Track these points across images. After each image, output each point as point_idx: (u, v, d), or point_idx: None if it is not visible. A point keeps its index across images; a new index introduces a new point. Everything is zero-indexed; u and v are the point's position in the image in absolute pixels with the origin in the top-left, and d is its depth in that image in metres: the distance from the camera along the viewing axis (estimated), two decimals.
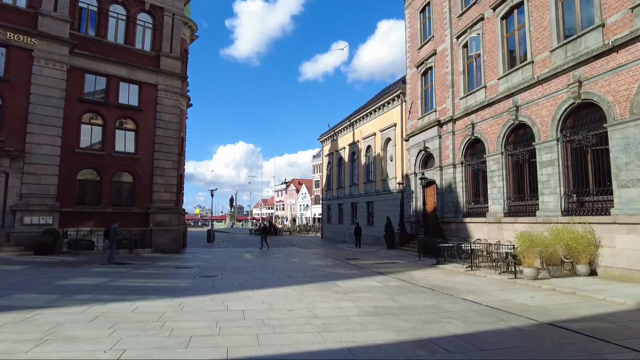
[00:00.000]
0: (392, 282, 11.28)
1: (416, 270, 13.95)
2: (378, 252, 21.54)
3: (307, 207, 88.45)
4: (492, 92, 17.00)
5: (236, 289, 9.85)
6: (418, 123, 22.98)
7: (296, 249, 25.59)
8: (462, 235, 18.25)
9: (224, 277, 11.97)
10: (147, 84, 22.77)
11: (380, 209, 27.56)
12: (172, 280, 11.26)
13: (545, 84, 13.96)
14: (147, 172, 22.38)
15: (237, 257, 19.87)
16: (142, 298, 8.28)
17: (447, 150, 20.01)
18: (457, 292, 9.54)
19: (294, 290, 9.61)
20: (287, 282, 11.17)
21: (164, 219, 22.45)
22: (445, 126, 20.22)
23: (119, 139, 21.89)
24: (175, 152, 23.41)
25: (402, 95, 25.29)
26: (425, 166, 22.55)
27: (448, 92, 20.22)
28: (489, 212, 16.80)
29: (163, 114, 23.11)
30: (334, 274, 13.07)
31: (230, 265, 15.78)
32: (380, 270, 14.04)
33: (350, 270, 14.23)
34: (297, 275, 12.61)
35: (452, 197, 19.42)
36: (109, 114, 21.35)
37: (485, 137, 17.28)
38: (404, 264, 16.27)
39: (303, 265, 15.98)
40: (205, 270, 13.69)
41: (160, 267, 14.60)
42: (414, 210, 22.95)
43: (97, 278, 11.12)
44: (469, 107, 18.48)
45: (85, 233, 19.78)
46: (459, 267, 14.46)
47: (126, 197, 21.91)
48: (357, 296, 8.89)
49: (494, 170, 16.66)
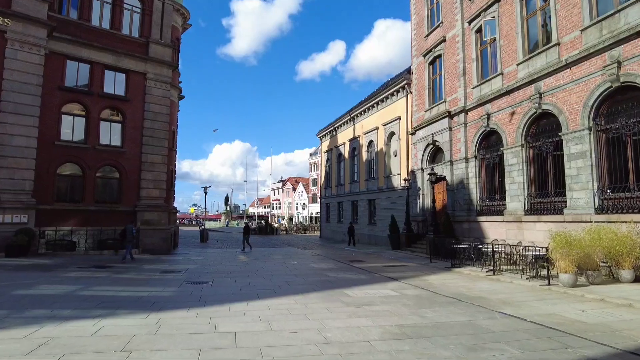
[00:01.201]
0: (409, 290, 9.79)
1: (431, 275, 12.48)
2: (383, 254, 20.06)
3: (304, 206, 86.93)
4: (511, 79, 15.55)
5: (228, 299, 8.32)
6: (425, 115, 21.51)
7: (294, 250, 24.08)
8: (475, 235, 16.81)
9: (214, 284, 10.44)
10: (135, 72, 21.15)
11: (383, 207, 26.09)
12: (155, 288, 9.71)
13: (575, 67, 12.52)
14: (135, 167, 20.78)
15: (231, 259, 18.33)
16: (111, 314, 6.73)
17: (458, 143, 18.55)
18: (489, 304, 8.06)
19: (296, 302, 8.09)
20: (287, 290, 9.66)
21: (153, 218, 20.85)
22: (457, 117, 18.76)
23: (103, 131, 20.28)
24: (165, 146, 21.81)
25: (407, 86, 23.81)
26: (433, 161, 21.09)
27: (459, 81, 18.76)
28: (506, 210, 15.36)
29: (152, 105, 21.51)
30: (340, 279, 11.57)
31: (223, 268, 14.25)
32: (391, 274, 12.55)
33: (357, 274, 12.73)
34: (298, 282, 11.09)
35: (464, 194, 17.97)
36: (93, 104, 19.72)
37: (503, 128, 15.84)
38: (415, 267, 14.80)
39: (304, 268, 14.47)
40: (194, 275, 12.14)
41: (145, 271, 13.04)
42: (421, 209, 21.50)
43: (66, 285, 9.55)
44: (483, 97, 17.03)
45: (65, 233, 18.16)
46: (477, 271, 13.00)
47: (112, 194, 20.31)
48: (374, 310, 7.39)
49: (512, 164, 15.22)
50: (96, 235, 18.96)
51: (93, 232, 18.87)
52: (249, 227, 26.17)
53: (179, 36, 27.05)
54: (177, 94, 26.80)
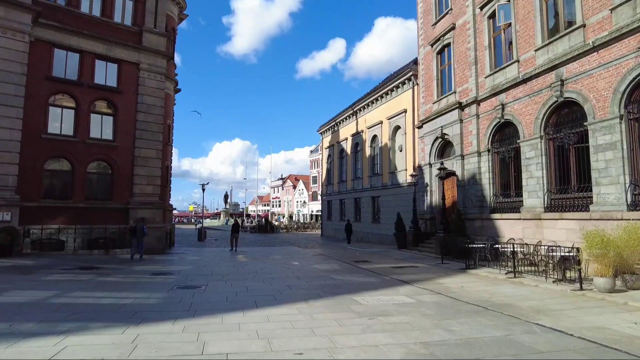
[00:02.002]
0: (425, 295, 8.75)
1: (446, 278, 11.43)
2: (389, 253, 19.02)
3: (305, 204, 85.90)
4: (528, 66, 14.47)
5: (221, 308, 7.27)
6: (433, 107, 20.43)
7: (295, 249, 23.05)
8: (488, 233, 15.77)
9: (208, 289, 9.39)
10: (127, 62, 20.06)
11: (388, 204, 25.04)
12: (141, 293, 8.67)
13: (604, 50, 11.44)
14: (127, 162, 19.72)
15: (228, 259, 17.29)
16: (81, 328, 5.69)
17: (470, 136, 17.48)
18: (521, 313, 7.02)
19: (300, 312, 7.04)
20: (289, 296, 8.61)
21: (147, 215, 19.76)
22: (468, 109, 17.68)
23: (94, 124, 19.20)
24: (159, 140, 20.74)
25: (413, 77, 22.72)
26: (441, 156, 20.01)
27: (470, 71, 17.68)
28: (523, 207, 14.31)
29: (145, 97, 20.43)
30: (347, 283, 10.52)
31: (219, 270, 13.20)
32: (402, 277, 11.51)
33: (365, 277, 11.69)
34: (300, 285, 10.05)
35: (476, 190, 16.91)
36: (83, 96, 18.64)
37: (519, 119, 14.77)
38: (425, 268, 13.76)
39: (306, 270, 13.43)
40: (187, 278, 11.10)
41: (133, 273, 12.00)
42: (429, 206, 20.44)
43: (41, 291, 8.51)
44: (497, 86, 15.96)
45: (52, 231, 17.10)
46: (495, 272, 11.96)
47: (103, 190, 19.24)
48: (391, 323, 6.34)
49: (530, 157, 14.16)
50: (86, 234, 17.90)
51: (82, 231, 17.82)
52: (238, 225, 23.69)
53: (174, 26, 25.97)
54: (173, 86, 25.74)
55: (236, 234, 22.18)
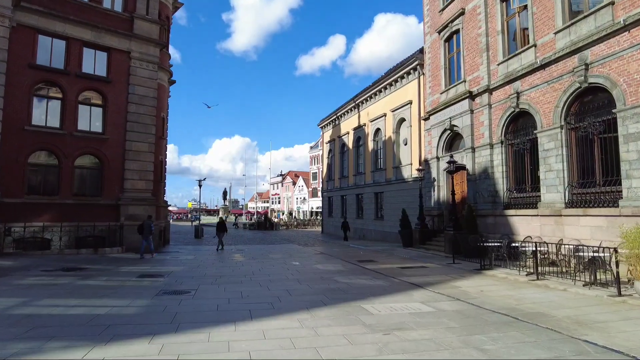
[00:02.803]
0: (444, 302, 7.71)
1: (461, 280, 10.40)
2: (394, 252, 18.00)
3: (304, 201, 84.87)
4: (547, 51, 13.39)
5: (210, 320, 6.25)
6: (441, 97, 19.35)
7: (295, 247, 22.03)
8: (502, 231, 14.74)
9: (198, 294, 8.36)
10: (118, 50, 18.98)
11: (392, 200, 24.01)
12: (120, 300, 7.63)
13: (636, 28, 10.35)
14: (118, 156, 18.68)
15: (224, 258, 16.27)
16: (32, 350, 4.66)
17: (481, 127, 16.42)
18: (560, 325, 6.00)
19: (301, 325, 6.01)
20: (288, 303, 7.58)
21: (138, 212, 18.76)
22: (479, 98, 16.61)
23: (82, 115, 18.16)
24: (152, 133, 19.68)
25: (419, 67, 21.62)
26: (450, 149, 18.96)
27: (482, 58, 16.59)
28: (541, 203, 13.28)
29: (137, 87, 19.36)
30: (353, 286, 9.49)
31: (213, 271, 12.17)
32: (413, 279, 10.48)
33: (372, 279, 10.65)
34: (302, 290, 9.01)
35: (488, 184, 15.87)
36: (70, 85, 17.57)
37: (536, 108, 13.70)
38: (436, 269, 12.73)
39: (307, 271, 12.40)
40: (176, 281, 10.07)
41: (119, 275, 10.97)
42: (436, 202, 19.40)
43: (6, 298, 7.47)
44: (511, 73, 14.88)
45: (37, 229, 16.07)
46: (514, 274, 10.94)
47: (92, 186, 18.22)
48: (411, 339, 5.31)
49: (549, 149, 13.11)
50: (73, 231, 16.88)
51: (70, 229, 16.79)
52: (224, 224, 21.20)
53: (168, 15, 24.83)
54: (167, 77, 24.62)
55: (221, 233, 20.29)
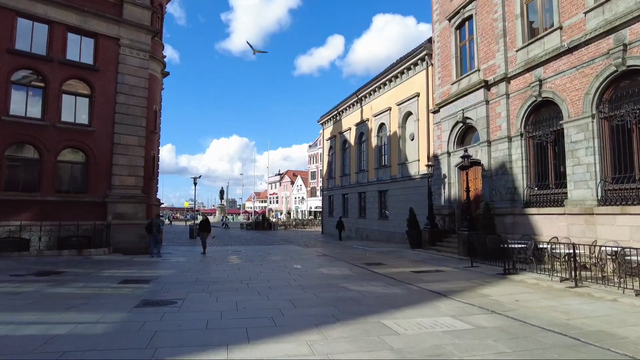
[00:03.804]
0: (478, 316, 6.45)
1: (488, 287, 9.14)
2: (403, 253, 16.75)
3: (303, 200, 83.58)
4: (575, 33, 12.16)
5: (196, 342, 4.97)
6: (452, 89, 18.10)
7: (295, 248, 20.74)
8: (522, 231, 13.51)
9: (185, 306, 7.07)
10: (106, 36, 17.66)
11: (397, 199, 22.75)
12: (90, 314, 6.34)
13: None
14: (105, 150, 17.36)
15: (219, 260, 14.97)
16: None
17: (498, 119, 15.18)
18: (638, 349, 4.74)
19: (311, 350, 4.74)
20: (293, 319, 6.30)
21: (127, 211, 17.47)
22: (495, 88, 15.38)
23: (66, 105, 16.84)
24: (142, 126, 18.35)
25: (428, 57, 20.37)
26: (461, 143, 17.72)
27: (498, 44, 15.36)
28: (568, 200, 12.04)
29: (127, 77, 18.04)
30: (367, 295, 8.21)
31: (206, 276, 10.87)
32: (432, 286, 9.21)
33: (386, 286, 9.38)
34: (307, 300, 7.73)
35: (505, 180, 14.64)
36: (53, 73, 16.25)
37: (562, 96, 12.47)
38: (454, 273, 11.47)
39: (311, 275, 11.12)
40: (162, 288, 8.77)
41: (98, 281, 9.66)
42: (447, 200, 18.15)
43: None
44: (532, 59, 13.65)
45: (13, 229, 14.71)
46: (544, 279, 9.69)
47: (76, 182, 16.89)
48: None
49: (577, 141, 11.87)
50: (55, 231, 15.54)
51: (51, 228, 15.46)
52: (207, 223, 18.47)
53: (162, 3, 23.53)
54: (161, 68, 23.29)
55: (205, 234, 17.98)
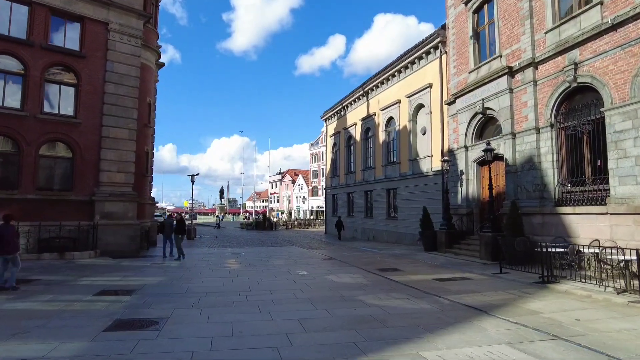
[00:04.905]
0: (540, 343, 5.00)
1: (531, 300, 7.67)
2: (417, 257, 15.30)
3: (304, 199, 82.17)
4: (620, 7, 10.68)
5: None
6: (470, 77, 16.63)
7: (298, 250, 19.30)
8: (553, 232, 12.07)
9: (167, 327, 5.62)
10: (93, 20, 16.27)
11: (408, 197, 21.30)
12: (39, 344, 4.90)
13: None
14: (93, 144, 15.98)
15: (216, 265, 13.53)
16: None
17: (524, 108, 13.72)
18: None
19: None
20: (305, 350, 4.85)
21: (116, 210, 16.05)
22: (520, 74, 13.91)
23: (50, 95, 15.53)
24: (133, 118, 16.93)
25: (441, 45, 18.90)
26: (480, 136, 16.26)
27: (523, 27, 13.89)
28: (612, 197, 10.58)
29: (116, 65, 16.63)
30: (390, 312, 6.76)
31: (198, 285, 9.43)
32: (465, 298, 7.75)
33: (410, 299, 7.92)
34: (319, 320, 6.28)
35: (533, 176, 13.18)
36: (34, 59, 14.85)
37: (604, 80, 11.00)
38: (483, 281, 10.02)
39: (320, 284, 9.68)
40: (145, 301, 7.33)
41: (72, 292, 8.23)
42: (464, 198, 16.69)
43: None
44: (566, 41, 12.17)
45: None
46: (593, 289, 8.24)
47: (60, 179, 15.52)
48: None
49: (623, 130, 10.41)
50: (34, 232, 14.15)
51: (30, 229, 14.06)
52: (182, 223, 16.06)
53: None
54: (155, 59, 21.86)
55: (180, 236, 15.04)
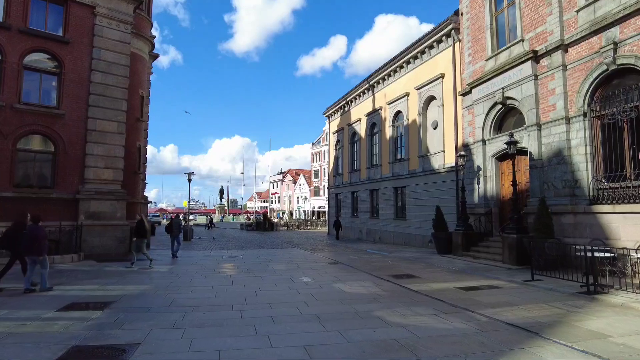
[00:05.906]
0: None
1: (587, 317, 6.34)
2: (431, 261, 13.96)
3: (306, 200, 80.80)
4: None
5: None
6: (487, 65, 15.29)
7: (301, 253, 17.96)
8: (587, 234, 10.72)
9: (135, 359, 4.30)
10: (78, 3, 15.05)
11: (417, 196, 19.96)
12: None
13: None
14: (77, 137, 14.71)
15: (210, 269, 12.20)
16: None
17: (551, 96, 12.37)
18: None
19: None
20: None
21: (104, 209, 14.77)
22: (547, 59, 12.56)
23: (29, 84, 14.24)
24: (122, 109, 15.65)
25: (454, 32, 17.56)
26: (499, 129, 14.93)
27: (550, 6, 12.55)
28: None
29: (104, 52, 15.35)
30: (420, 335, 5.44)
31: (187, 295, 8.11)
32: (504, 314, 6.42)
33: (439, 315, 6.59)
34: (331, 348, 4.97)
35: (562, 171, 11.83)
36: (11, 44, 13.60)
37: None
38: (514, 290, 8.67)
39: (327, 296, 8.35)
40: (118, 319, 6.02)
41: (31, 306, 6.93)
42: (481, 197, 15.34)
43: None
44: (603, 18, 10.83)
45: None
46: None
47: (41, 175, 14.25)
48: None
49: None
50: None
51: None
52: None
53: None
54: (148, 49, 20.55)
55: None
